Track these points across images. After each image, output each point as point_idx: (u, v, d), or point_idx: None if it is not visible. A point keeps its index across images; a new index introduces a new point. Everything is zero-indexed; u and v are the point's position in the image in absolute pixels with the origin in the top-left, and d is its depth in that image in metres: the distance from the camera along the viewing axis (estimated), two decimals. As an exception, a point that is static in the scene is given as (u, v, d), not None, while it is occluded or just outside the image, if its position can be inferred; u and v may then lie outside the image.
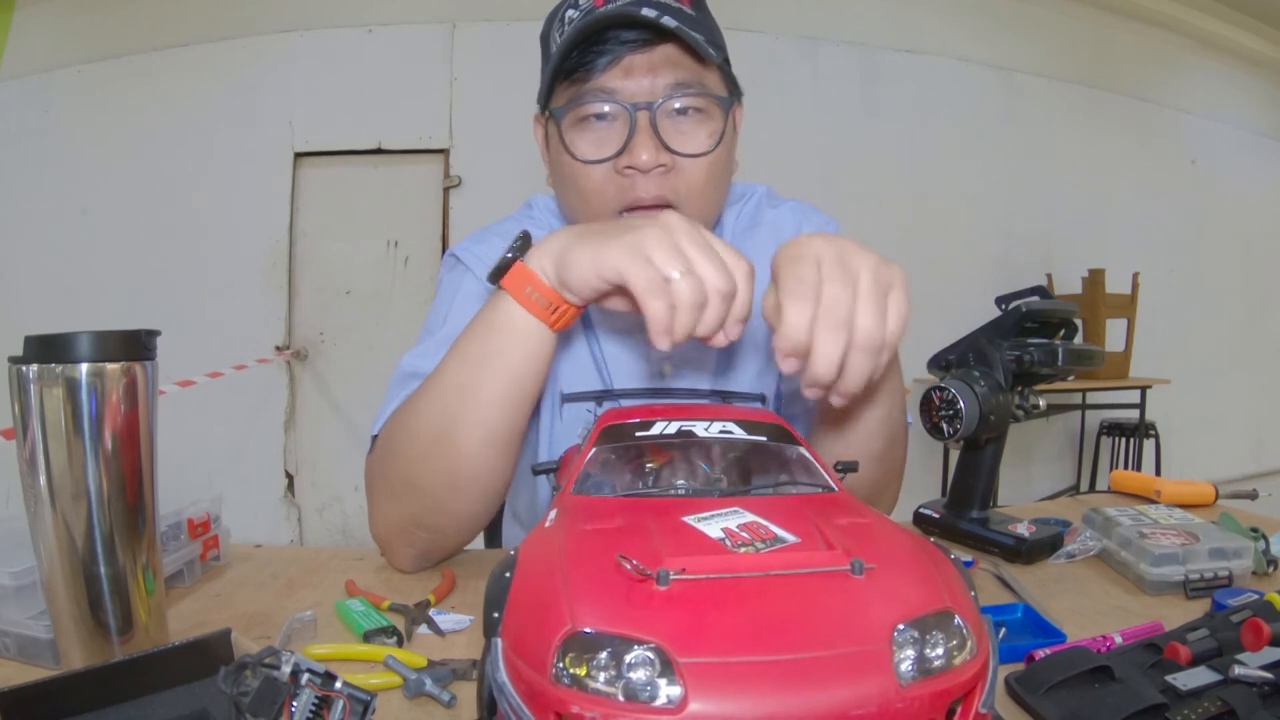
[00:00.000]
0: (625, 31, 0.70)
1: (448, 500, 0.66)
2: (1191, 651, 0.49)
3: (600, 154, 0.73)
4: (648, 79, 0.71)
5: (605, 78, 0.71)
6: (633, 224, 0.57)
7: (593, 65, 0.71)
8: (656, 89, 0.71)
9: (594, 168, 0.73)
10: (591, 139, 0.73)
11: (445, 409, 0.64)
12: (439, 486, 0.65)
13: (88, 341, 0.47)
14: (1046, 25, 3.90)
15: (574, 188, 0.76)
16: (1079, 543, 0.74)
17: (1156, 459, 3.72)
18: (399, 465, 0.67)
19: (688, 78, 0.72)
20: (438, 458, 0.64)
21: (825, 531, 0.38)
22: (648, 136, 0.71)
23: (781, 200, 0.93)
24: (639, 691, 0.28)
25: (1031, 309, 0.77)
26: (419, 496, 0.66)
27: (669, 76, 0.71)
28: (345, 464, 3.11)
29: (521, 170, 2.27)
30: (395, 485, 0.68)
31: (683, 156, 0.73)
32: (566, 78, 0.73)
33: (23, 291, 3.04)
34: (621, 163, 0.72)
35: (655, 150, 0.71)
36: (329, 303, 3.23)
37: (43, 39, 3.14)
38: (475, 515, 0.69)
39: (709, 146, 0.74)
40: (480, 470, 0.65)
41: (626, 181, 0.72)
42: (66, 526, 0.47)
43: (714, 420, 0.53)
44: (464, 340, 0.64)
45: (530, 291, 0.60)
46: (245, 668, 0.37)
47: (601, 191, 0.74)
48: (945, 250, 3.65)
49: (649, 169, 0.71)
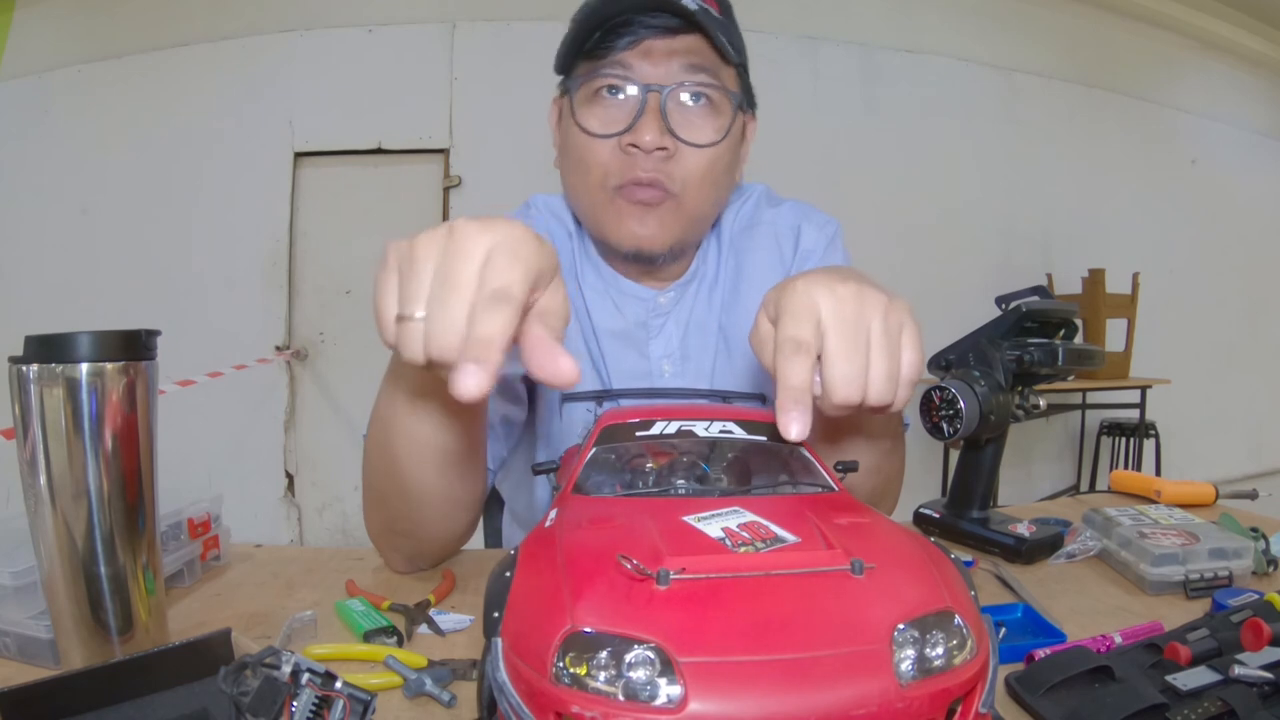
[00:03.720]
0: (650, 17, 0.71)
1: (408, 513, 0.66)
2: (1191, 651, 0.49)
3: (606, 129, 0.73)
4: (664, 64, 0.72)
5: (624, 56, 0.72)
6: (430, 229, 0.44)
7: (613, 44, 0.72)
8: (671, 74, 0.72)
9: (599, 143, 0.74)
10: (600, 115, 0.74)
11: (379, 427, 0.63)
12: (396, 499, 0.65)
13: (88, 341, 0.47)
14: (1046, 25, 3.90)
15: (578, 162, 0.76)
16: (1079, 543, 0.74)
17: (1156, 459, 3.72)
18: (368, 474, 0.67)
19: (704, 67, 0.73)
20: (385, 473, 0.64)
21: (825, 531, 0.38)
22: (654, 118, 0.71)
23: (781, 199, 0.93)
24: (639, 691, 0.28)
25: (1031, 309, 0.77)
26: (385, 506, 0.67)
27: (686, 64, 0.72)
28: (345, 464, 3.11)
29: (521, 170, 2.27)
30: (366, 492, 0.69)
31: (686, 144, 0.73)
32: (587, 55, 0.74)
33: (23, 291, 3.03)
34: (625, 140, 0.72)
35: (659, 133, 0.71)
36: (329, 303, 3.23)
37: (42, 39, 3.13)
38: (444, 528, 0.69)
39: (713, 139, 0.74)
40: (428, 491, 0.63)
41: (628, 160, 0.73)
42: (67, 526, 0.47)
43: (714, 420, 0.53)
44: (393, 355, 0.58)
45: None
46: (245, 668, 0.37)
47: (603, 166, 0.74)
48: (945, 250, 3.65)
49: (650, 149, 0.72)
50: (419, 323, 0.41)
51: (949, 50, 3.71)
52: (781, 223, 0.89)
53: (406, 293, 0.42)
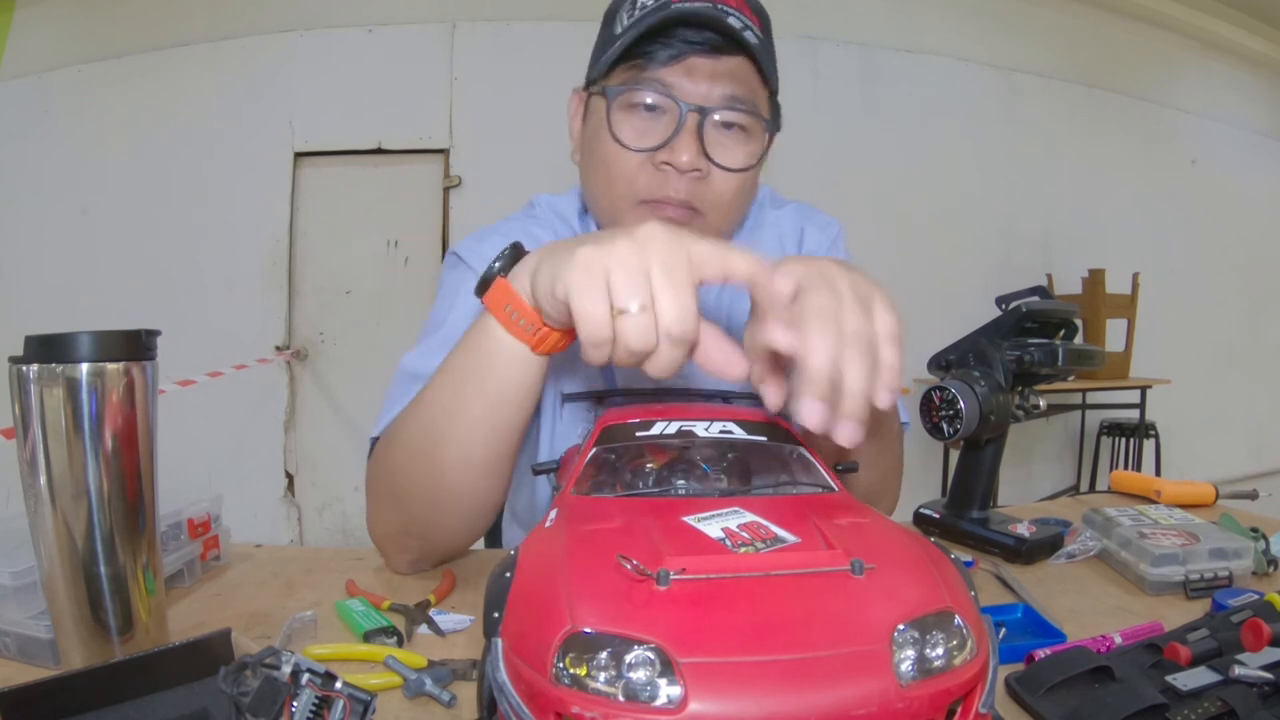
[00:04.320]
0: (695, 33, 0.70)
1: (431, 516, 0.66)
2: (1191, 651, 0.49)
3: (641, 143, 0.72)
4: (706, 84, 0.71)
5: (666, 71, 0.71)
6: (605, 236, 0.50)
7: (655, 55, 0.71)
8: (713, 96, 0.71)
9: (631, 154, 0.73)
10: (636, 126, 0.73)
11: (427, 426, 0.62)
12: (422, 502, 0.65)
13: (88, 341, 0.47)
14: (1046, 25, 3.90)
15: (605, 169, 0.75)
16: (1079, 543, 0.74)
17: (1156, 459, 3.72)
18: (387, 475, 0.67)
19: (743, 94, 0.72)
20: (420, 474, 0.63)
21: (825, 531, 0.38)
22: (692, 138, 0.71)
23: (784, 201, 0.93)
24: (639, 691, 0.28)
25: (1031, 309, 0.77)
26: (405, 509, 0.66)
27: (728, 88, 0.71)
28: (345, 464, 3.11)
29: (522, 170, 2.27)
30: (385, 495, 0.68)
31: (720, 169, 0.73)
32: (626, 61, 0.73)
33: (23, 291, 3.04)
34: (660, 157, 0.72)
35: (696, 154, 0.71)
36: (329, 303, 3.23)
37: (42, 39, 3.13)
38: (463, 531, 0.69)
39: (747, 164, 0.74)
40: (462, 491, 0.64)
41: (660, 176, 0.72)
42: (67, 526, 0.47)
43: (714, 420, 0.53)
44: (452, 355, 0.62)
45: (510, 310, 0.55)
46: (245, 668, 0.37)
47: (631, 179, 0.74)
48: (945, 250, 3.65)
49: (686, 170, 0.71)
50: (635, 315, 0.45)
51: (949, 50, 3.71)
52: (785, 224, 0.89)
53: (625, 290, 0.46)
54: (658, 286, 0.46)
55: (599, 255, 0.47)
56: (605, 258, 0.47)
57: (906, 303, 0.51)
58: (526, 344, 0.56)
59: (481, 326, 0.59)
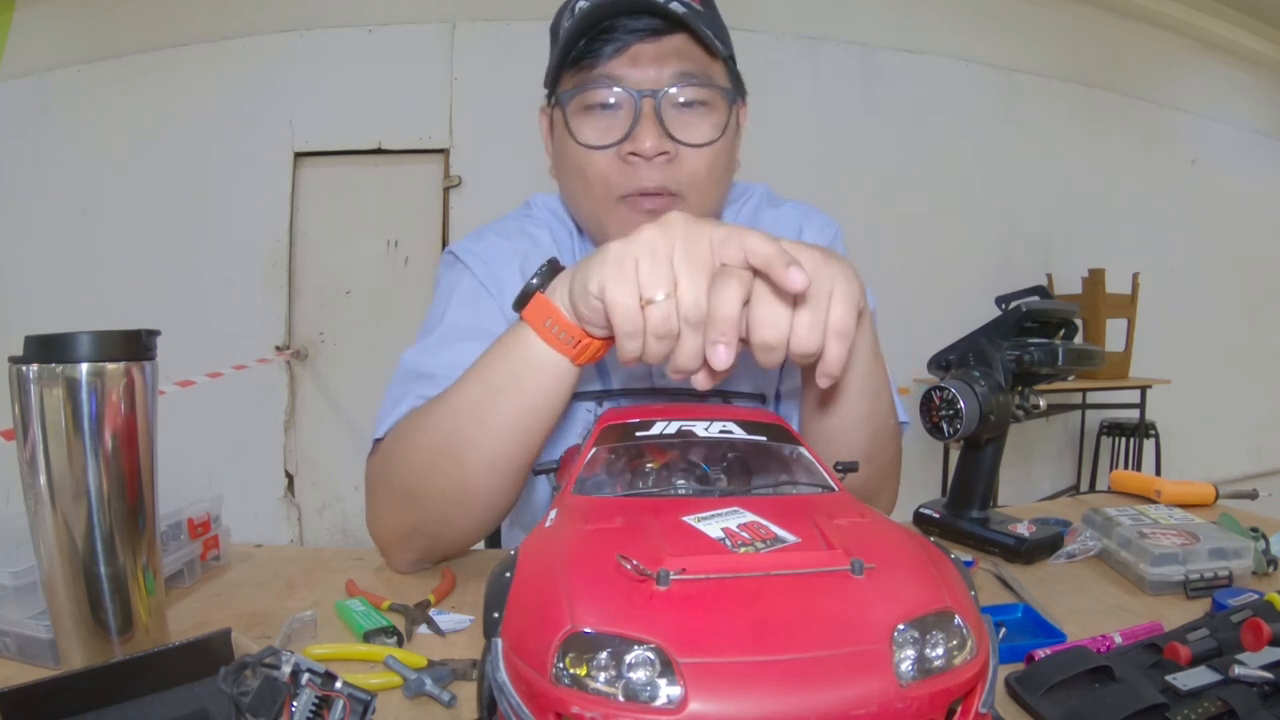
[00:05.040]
0: (634, 21, 0.70)
1: (449, 515, 0.66)
2: (1191, 651, 0.49)
3: (604, 140, 0.73)
4: (654, 68, 0.71)
5: (612, 65, 0.71)
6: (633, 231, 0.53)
7: (600, 52, 0.71)
8: (662, 78, 0.71)
9: (598, 154, 0.73)
10: (596, 126, 0.73)
11: (455, 428, 0.63)
12: (441, 502, 0.65)
13: (88, 341, 0.47)
14: (1046, 25, 3.90)
15: (578, 175, 0.76)
16: (1079, 543, 0.74)
17: (1156, 459, 3.72)
18: (402, 475, 0.67)
19: (694, 69, 0.72)
20: (443, 475, 0.64)
21: (825, 531, 0.38)
22: (652, 124, 0.71)
23: (782, 200, 0.93)
24: (639, 691, 0.28)
25: (1031, 309, 0.77)
26: (420, 509, 0.66)
27: (675, 66, 0.71)
28: (345, 464, 3.11)
29: (522, 170, 2.27)
30: (397, 494, 0.68)
31: (686, 145, 0.72)
32: (574, 65, 0.73)
33: (23, 291, 3.03)
34: (625, 149, 0.72)
35: (659, 137, 0.71)
36: (329, 303, 3.23)
37: (42, 39, 3.14)
38: (478, 528, 0.69)
39: (712, 137, 0.74)
40: (485, 490, 0.64)
41: (630, 169, 0.72)
42: (67, 526, 0.47)
43: (714, 420, 0.53)
44: (484, 361, 0.62)
45: (551, 324, 0.56)
46: (245, 668, 0.37)
47: (605, 178, 0.74)
48: (945, 250, 3.65)
49: (652, 155, 0.71)
50: (661, 303, 0.49)
51: (949, 50, 3.71)
52: (783, 224, 0.89)
53: (651, 278, 0.49)
54: (680, 274, 0.49)
55: (628, 246, 0.51)
56: (633, 246, 0.50)
57: (906, 303, 0.52)
58: (567, 356, 0.58)
59: (519, 338, 0.59)
